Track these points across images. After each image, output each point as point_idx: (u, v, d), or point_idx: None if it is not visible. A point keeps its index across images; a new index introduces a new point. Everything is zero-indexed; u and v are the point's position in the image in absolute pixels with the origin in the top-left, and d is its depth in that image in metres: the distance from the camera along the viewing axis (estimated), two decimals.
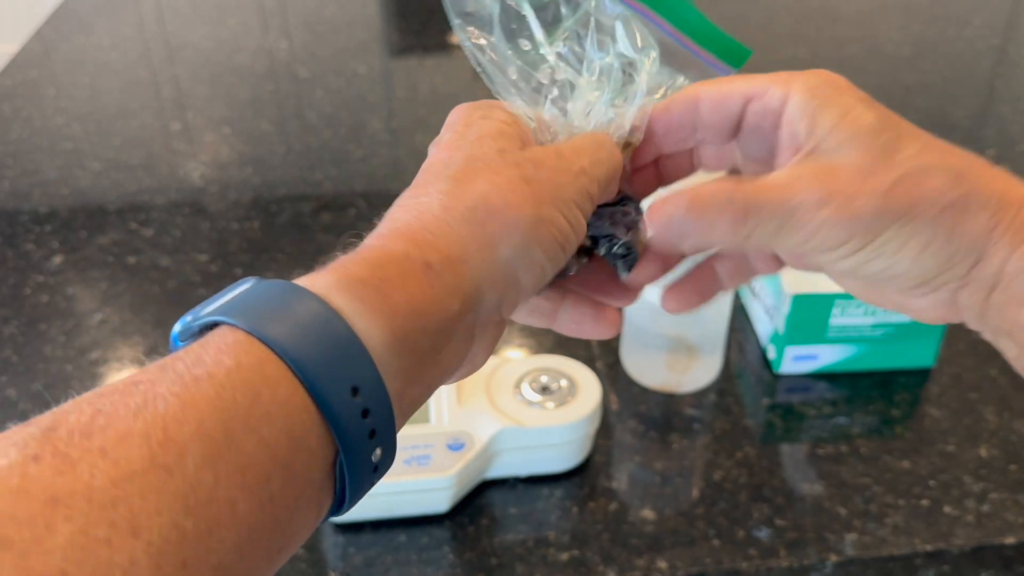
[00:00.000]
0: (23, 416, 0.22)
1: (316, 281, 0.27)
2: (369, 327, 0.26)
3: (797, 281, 0.65)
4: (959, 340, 0.72)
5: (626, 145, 0.33)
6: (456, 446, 0.56)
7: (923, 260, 0.29)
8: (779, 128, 0.31)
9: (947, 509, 0.58)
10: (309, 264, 0.27)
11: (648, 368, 0.67)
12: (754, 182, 0.30)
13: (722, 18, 0.34)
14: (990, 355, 0.71)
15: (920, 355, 0.68)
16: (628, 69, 0.31)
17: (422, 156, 0.32)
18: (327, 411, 0.25)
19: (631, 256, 0.32)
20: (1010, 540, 0.56)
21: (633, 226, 0.33)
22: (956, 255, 0.29)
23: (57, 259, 0.84)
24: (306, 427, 0.25)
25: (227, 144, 1.05)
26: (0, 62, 1.24)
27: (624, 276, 0.33)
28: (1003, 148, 1.05)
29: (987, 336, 0.32)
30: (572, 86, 0.32)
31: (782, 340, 0.66)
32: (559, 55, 0.31)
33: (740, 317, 0.74)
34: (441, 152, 0.31)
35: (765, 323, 0.70)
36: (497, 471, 0.59)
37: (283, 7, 1.47)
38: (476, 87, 0.32)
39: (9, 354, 0.71)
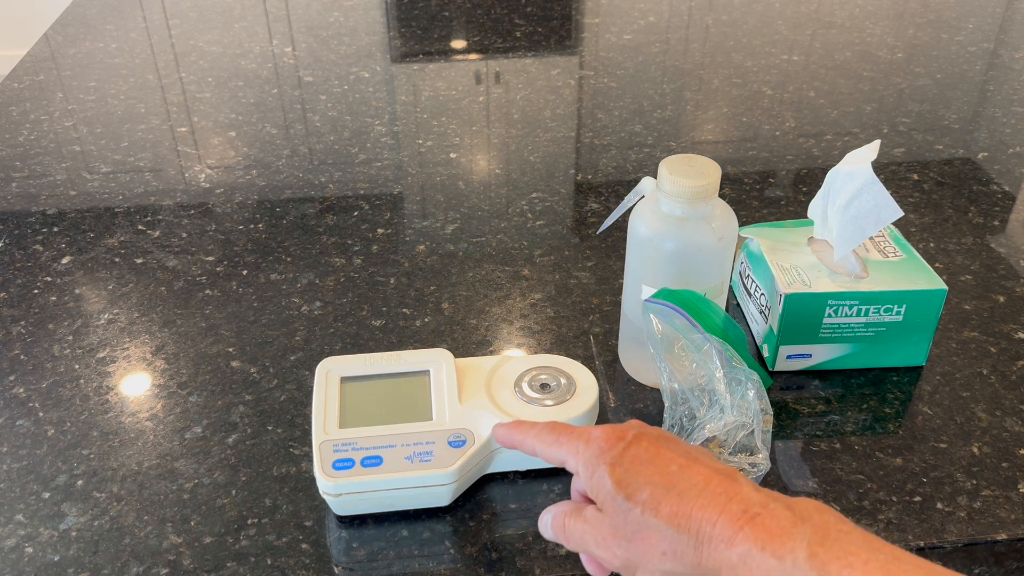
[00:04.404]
0: (32, 414, 0.23)
1: None
2: None
3: (791, 280, 0.66)
4: (950, 340, 0.73)
5: None
6: (457, 442, 0.57)
7: None
8: None
9: (940, 505, 0.58)
10: (314, 265, 0.29)
11: (645, 366, 0.68)
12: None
13: (717, 22, 0.36)
14: (981, 354, 0.72)
15: (912, 354, 0.69)
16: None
17: (423, 159, 0.33)
18: None
19: None
20: (1002, 536, 0.56)
21: None
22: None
23: (65, 260, 0.85)
24: None
25: (233, 147, 1.06)
26: (8, 65, 1.26)
27: None
28: (994, 151, 1.05)
29: None
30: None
31: (776, 339, 0.67)
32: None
33: (735, 316, 0.75)
34: None
35: (759, 322, 0.70)
36: (497, 466, 0.60)
37: (287, 13, 1.48)
38: (475, 92, 0.33)
39: (18, 353, 0.71)
